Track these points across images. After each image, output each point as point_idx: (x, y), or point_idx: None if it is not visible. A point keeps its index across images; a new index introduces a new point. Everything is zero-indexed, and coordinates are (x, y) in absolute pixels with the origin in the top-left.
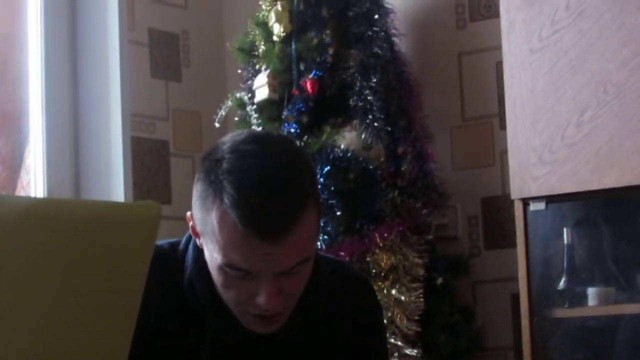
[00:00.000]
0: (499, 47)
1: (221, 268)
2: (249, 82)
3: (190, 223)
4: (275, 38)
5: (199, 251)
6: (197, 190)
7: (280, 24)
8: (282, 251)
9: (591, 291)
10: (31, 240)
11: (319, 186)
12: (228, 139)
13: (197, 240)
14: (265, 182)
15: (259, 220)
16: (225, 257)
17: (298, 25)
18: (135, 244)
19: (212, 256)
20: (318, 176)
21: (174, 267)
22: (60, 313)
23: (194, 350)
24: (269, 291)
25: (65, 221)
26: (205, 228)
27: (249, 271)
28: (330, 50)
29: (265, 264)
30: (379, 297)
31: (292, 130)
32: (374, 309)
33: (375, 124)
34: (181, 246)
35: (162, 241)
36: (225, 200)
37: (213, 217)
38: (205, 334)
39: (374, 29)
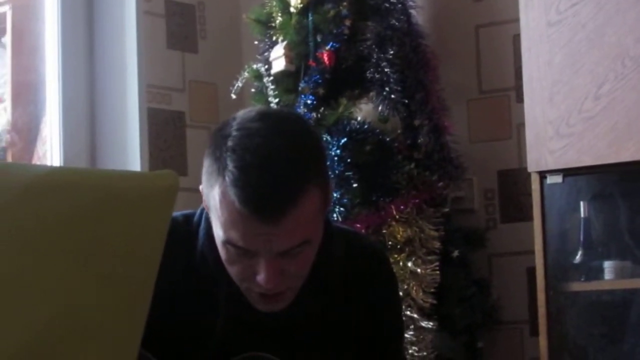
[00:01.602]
0: (516, 20)
1: (224, 244)
2: (266, 54)
3: (203, 196)
4: (292, 10)
5: (211, 224)
6: (205, 165)
7: None
8: (280, 232)
9: (607, 265)
10: (46, 208)
11: (335, 159)
12: (239, 115)
13: (209, 213)
14: (267, 162)
15: (257, 200)
16: (226, 234)
17: None
18: (153, 213)
19: (216, 232)
20: (335, 148)
21: (187, 239)
22: (75, 282)
23: (207, 322)
24: (268, 271)
25: (81, 190)
26: (210, 203)
27: (248, 250)
28: (347, 22)
29: (263, 244)
30: (394, 270)
31: (309, 102)
32: (389, 279)
33: (392, 96)
34: (195, 218)
35: (176, 213)
36: (226, 177)
37: (215, 194)
38: (218, 306)
39: (391, 0)
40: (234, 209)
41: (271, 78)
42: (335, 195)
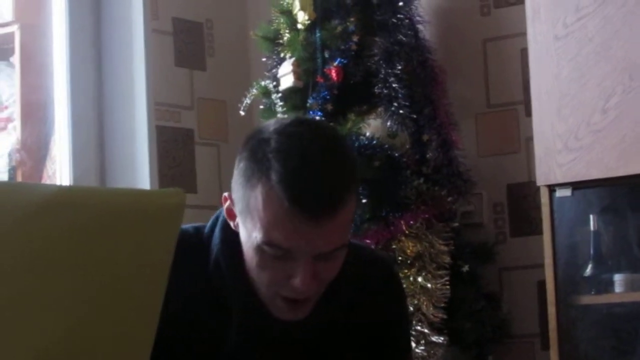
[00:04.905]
0: (523, 34)
1: (259, 247)
2: (274, 71)
3: (226, 204)
4: (299, 26)
5: (227, 233)
6: (241, 169)
7: (304, 12)
8: (324, 233)
9: (617, 278)
10: (55, 227)
11: None
12: (273, 123)
13: (231, 223)
14: (315, 163)
15: (306, 199)
16: (267, 235)
17: (322, 12)
18: (159, 231)
19: (251, 235)
20: None
21: (198, 250)
22: (84, 300)
23: (219, 335)
24: (305, 273)
25: (89, 208)
26: (247, 206)
27: (288, 250)
28: (355, 38)
29: (306, 244)
30: (404, 285)
31: (317, 118)
32: (398, 293)
33: (400, 112)
34: (206, 230)
35: (185, 225)
36: (273, 177)
37: (258, 194)
38: (230, 319)
39: (398, 16)
40: (281, 207)
41: (279, 94)
42: None
